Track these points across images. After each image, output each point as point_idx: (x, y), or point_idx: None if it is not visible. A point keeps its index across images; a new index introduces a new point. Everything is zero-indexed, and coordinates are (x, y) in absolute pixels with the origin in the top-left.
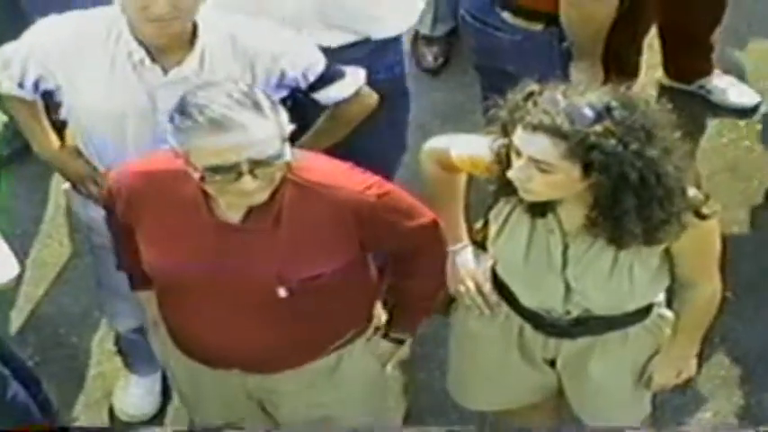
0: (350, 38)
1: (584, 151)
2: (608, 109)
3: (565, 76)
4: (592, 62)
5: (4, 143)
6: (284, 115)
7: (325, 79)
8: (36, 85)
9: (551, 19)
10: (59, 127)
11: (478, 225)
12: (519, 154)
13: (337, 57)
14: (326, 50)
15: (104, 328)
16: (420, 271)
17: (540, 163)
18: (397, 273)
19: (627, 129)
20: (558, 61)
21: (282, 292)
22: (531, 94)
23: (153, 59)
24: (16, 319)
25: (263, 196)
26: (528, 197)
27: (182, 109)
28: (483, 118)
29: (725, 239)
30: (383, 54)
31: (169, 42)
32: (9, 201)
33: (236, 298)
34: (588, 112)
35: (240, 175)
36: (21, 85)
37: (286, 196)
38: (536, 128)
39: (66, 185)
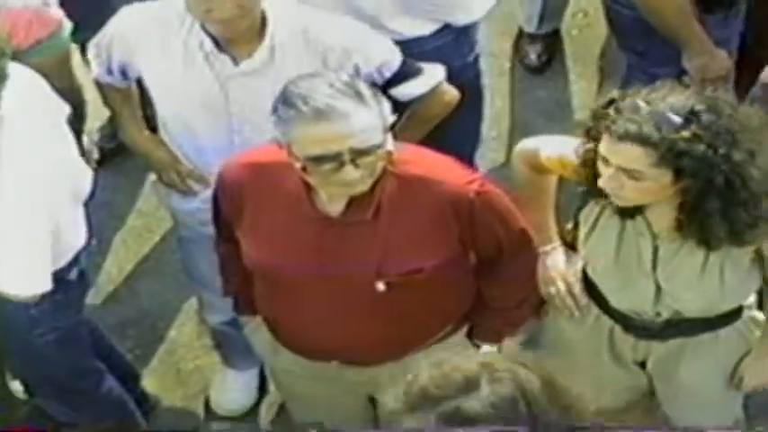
0: (432, 26)
1: (674, 157)
2: (693, 113)
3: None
4: (699, 51)
5: (107, 138)
6: (387, 105)
7: (402, 76)
8: (123, 72)
9: None
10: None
11: (569, 226)
12: (607, 162)
13: (417, 46)
14: (406, 41)
15: (203, 322)
16: (504, 280)
17: (631, 171)
18: (482, 279)
19: (714, 133)
20: None
21: (381, 286)
22: (612, 102)
23: (222, 50)
24: (117, 313)
25: (364, 186)
26: (620, 203)
27: (285, 99)
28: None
29: None
30: (462, 40)
31: (237, 36)
32: (112, 194)
33: (335, 291)
34: (675, 118)
35: (342, 164)
36: (109, 72)
37: (386, 189)
38: (623, 137)
39: (153, 177)
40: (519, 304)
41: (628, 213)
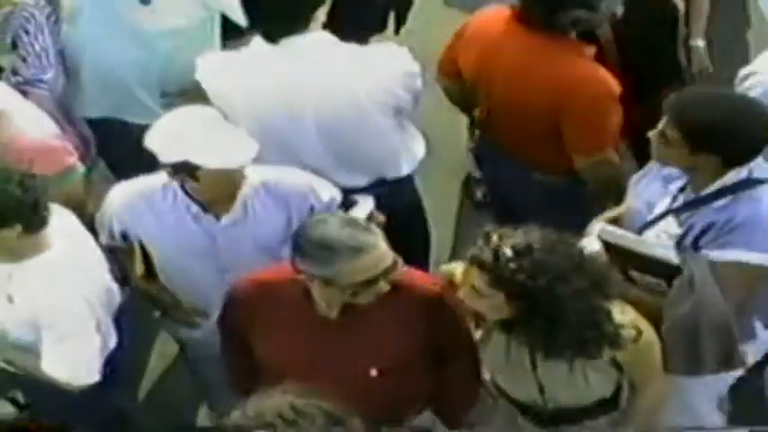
0: (367, 179)
1: (502, 283)
2: (529, 249)
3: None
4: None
5: None
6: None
7: (344, 208)
8: (124, 237)
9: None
10: None
11: None
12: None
13: (363, 192)
14: (353, 189)
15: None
16: (448, 378)
17: (475, 288)
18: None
19: (540, 267)
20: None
21: (374, 373)
22: (487, 234)
23: (206, 211)
24: (143, 404)
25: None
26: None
27: (318, 244)
28: None
29: None
30: (396, 190)
31: (219, 197)
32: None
33: (334, 381)
34: (507, 251)
35: (377, 281)
36: (112, 238)
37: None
38: (471, 260)
39: (157, 313)
40: (460, 400)
41: (506, 328)
